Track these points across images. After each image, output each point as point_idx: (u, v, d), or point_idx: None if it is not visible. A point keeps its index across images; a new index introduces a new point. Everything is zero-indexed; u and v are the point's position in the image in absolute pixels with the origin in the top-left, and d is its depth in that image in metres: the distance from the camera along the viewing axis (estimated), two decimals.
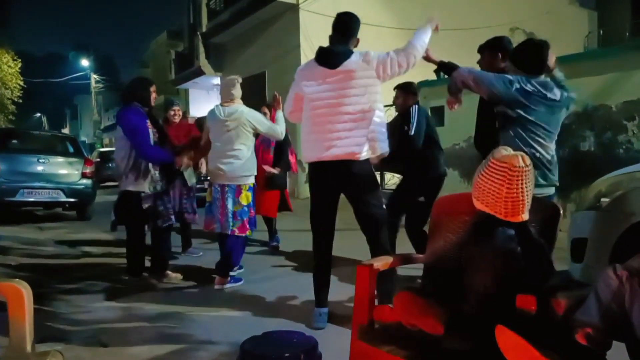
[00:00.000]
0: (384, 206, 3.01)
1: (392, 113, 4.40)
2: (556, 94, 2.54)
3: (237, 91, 3.88)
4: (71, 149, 8.37)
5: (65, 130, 44.65)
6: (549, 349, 1.37)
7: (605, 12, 17.60)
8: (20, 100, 25.91)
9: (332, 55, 2.84)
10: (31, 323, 1.49)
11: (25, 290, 1.49)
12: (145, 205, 3.83)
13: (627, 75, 5.11)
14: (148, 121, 3.81)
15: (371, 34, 11.36)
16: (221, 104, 3.89)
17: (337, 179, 2.87)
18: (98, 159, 16.87)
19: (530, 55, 2.60)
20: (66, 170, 7.72)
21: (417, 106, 3.93)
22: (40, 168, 7.47)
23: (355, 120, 2.77)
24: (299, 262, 4.71)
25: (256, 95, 13.32)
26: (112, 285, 3.94)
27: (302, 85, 2.95)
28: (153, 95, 3.96)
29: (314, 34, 11.05)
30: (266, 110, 5.25)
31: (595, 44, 15.83)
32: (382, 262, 2.02)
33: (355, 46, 2.95)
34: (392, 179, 9.05)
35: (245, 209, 3.86)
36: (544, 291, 1.59)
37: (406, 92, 4.05)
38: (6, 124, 25.72)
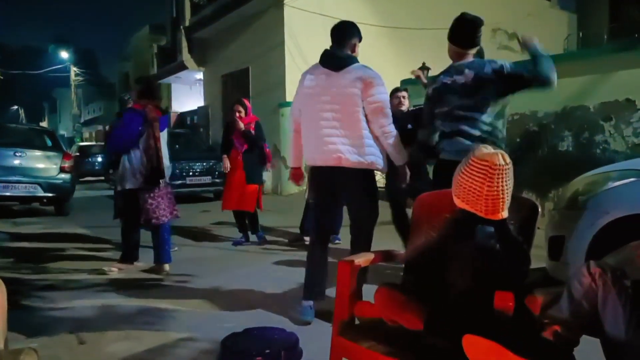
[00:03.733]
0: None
1: None
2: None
3: None
4: (49, 143, 8.19)
5: (44, 124, 43.67)
6: (526, 346, 1.39)
7: (585, 16, 17.95)
8: None
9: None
10: (4, 320, 1.46)
11: None
12: None
13: (605, 77, 5.22)
14: None
15: None
16: None
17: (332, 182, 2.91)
18: (77, 153, 16.57)
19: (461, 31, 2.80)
20: (44, 164, 7.55)
21: None
22: (17, 162, 7.30)
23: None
24: (281, 258, 4.69)
25: (239, 91, 13.24)
26: (90, 282, 3.87)
27: None
28: None
29: (298, 30, 11.01)
30: (240, 109, 5.16)
31: (575, 46, 16.11)
32: (363, 259, 2.02)
33: (353, 51, 2.96)
34: None
35: None
36: (522, 288, 1.61)
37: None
38: None
